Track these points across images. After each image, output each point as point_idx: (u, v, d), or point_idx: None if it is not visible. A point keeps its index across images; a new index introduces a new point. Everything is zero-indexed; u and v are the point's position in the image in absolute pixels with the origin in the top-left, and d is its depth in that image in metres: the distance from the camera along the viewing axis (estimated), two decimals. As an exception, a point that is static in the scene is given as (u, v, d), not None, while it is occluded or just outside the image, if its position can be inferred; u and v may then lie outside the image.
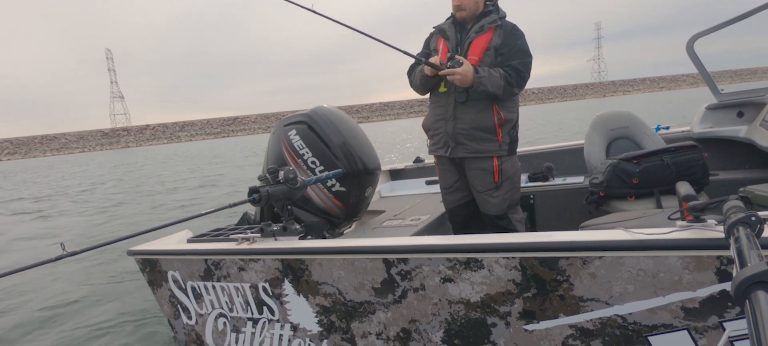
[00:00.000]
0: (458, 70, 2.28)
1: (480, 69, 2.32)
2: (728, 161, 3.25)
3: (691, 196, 1.57)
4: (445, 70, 2.33)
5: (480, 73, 2.30)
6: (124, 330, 3.53)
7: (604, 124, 3.24)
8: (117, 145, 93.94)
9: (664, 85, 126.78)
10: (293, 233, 2.27)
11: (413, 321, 1.96)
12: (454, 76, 2.30)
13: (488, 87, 2.32)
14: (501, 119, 2.44)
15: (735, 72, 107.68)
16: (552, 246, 1.61)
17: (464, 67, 2.29)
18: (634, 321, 1.58)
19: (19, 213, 11.26)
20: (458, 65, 2.29)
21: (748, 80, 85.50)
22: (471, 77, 2.30)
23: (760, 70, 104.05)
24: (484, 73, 2.31)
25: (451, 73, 2.31)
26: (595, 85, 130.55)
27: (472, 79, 2.30)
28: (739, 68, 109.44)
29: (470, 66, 2.30)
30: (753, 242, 0.90)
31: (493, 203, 2.54)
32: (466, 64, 2.30)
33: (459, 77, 2.29)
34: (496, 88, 2.33)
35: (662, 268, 1.48)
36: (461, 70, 2.28)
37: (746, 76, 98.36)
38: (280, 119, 2.99)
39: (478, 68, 2.33)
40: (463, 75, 2.29)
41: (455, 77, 2.30)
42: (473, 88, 2.34)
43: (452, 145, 2.54)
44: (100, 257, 5.55)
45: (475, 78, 2.30)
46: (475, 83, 2.31)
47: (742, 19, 2.93)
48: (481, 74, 2.30)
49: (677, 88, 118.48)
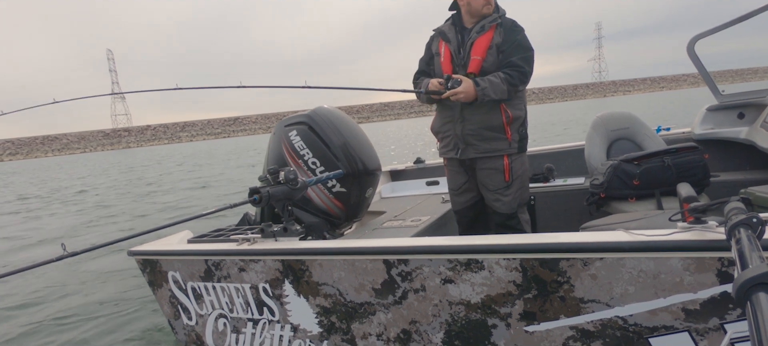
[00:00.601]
0: (459, 89, 2.34)
1: (481, 80, 2.35)
2: (729, 163, 3.24)
3: (692, 197, 1.57)
4: (448, 93, 2.38)
5: (481, 85, 2.34)
6: (124, 330, 3.53)
7: (605, 125, 3.23)
8: (118, 146, 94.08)
9: (664, 85, 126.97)
10: (294, 233, 2.27)
11: (414, 322, 1.96)
12: (457, 96, 2.35)
13: (492, 96, 2.36)
14: (509, 117, 2.45)
15: (736, 72, 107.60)
16: (553, 247, 1.61)
17: (464, 85, 2.34)
18: (634, 323, 1.58)
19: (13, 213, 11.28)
20: (458, 84, 2.35)
21: (749, 80, 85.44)
22: (473, 92, 2.34)
23: (761, 69, 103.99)
24: (485, 85, 2.34)
25: (453, 95, 2.36)
26: (595, 85, 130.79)
27: (474, 94, 2.34)
28: (740, 68, 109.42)
29: (470, 82, 2.35)
30: (754, 244, 0.90)
31: (505, 201, 2.54)
32: (466, 81, 2.35)
33: (462, 96, 2.35)
34: (500, 94, 2.37)
35: (663, 269, 1.47)
36: (462, 88, 2.34)
37: (747, 75, 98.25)
38: (280, 119, 3.00)
39: (479, 80, 2.36)
40: (466, 92, 2.34)
41: (459, 97, 2.36)
42: (478, 101, 2.37)
43: (462, 147, 2.56)
44: (100, 257, 5.55)
45: (477, 91, 2.34)
46: (479, 97, 2.35)
47: (743, 21, 2.93)
48: (482, 86, 2.34)
49: (678, 88, 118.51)
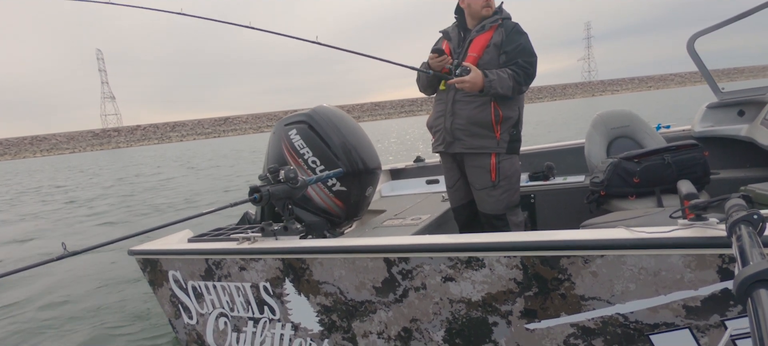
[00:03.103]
0: (467, 78, 2.29)
1: (489, 73, 2.32)
2: (729, 160, 3.24)
3: (692, 194, 1.57)
4: (454, 80, 2.35)
5: (489, 76, 2.31)
6: (124, 330, 3.53)
7: (605, 123, 3.23)
8: (107, 146, 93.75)
9: (652, 84, 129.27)
10: (294, 232, 2.27)
11: (414, 320, 1.96)
12: (463, 84, 2.31)
13: (498, 89, 2.32)
14: (499, 116, 2.44)
15: (739, 69, 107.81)
16: (553, 245, 1.61)
17: (472, 74, 2.29)
18: (635, 320, 1.58)
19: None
20: (466, 72, 2.30)
21: (748, 78, 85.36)
22: (481, 83, 2.31)
23: (756, 68, 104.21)
24: (493, 77, 2.31)
25: (460, 82, 2.32)
26: (584, 85, 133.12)
27: (482, 85, 2.31)
28: (741, 66, 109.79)
29: (479, 72, 2.31)
30: (755, 241, 0.90)
31: (490, 201, 2.54)
32: (475, 71, 2.30)
33: (468, 86, 2.31)
34: (506, 89, 2.34)
35: (664, 266, 1.47)
36: (470, 77, 2.29)
37: (748, 74, 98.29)
38: (272, 119, 3.00)
39: (488, 72, 2.33)
40: (473, 82, 2.30)
41: (465, 85, 2.32)
42: (483, 92, 2.34)
43: (449, 140, 2.56)
44: (100, 257, 5.55)
45: (485, 82, 2.31)
46: (485, 88, 2.32)
47: (743, 18, 2.92)
48: (490, 78, 2.31)
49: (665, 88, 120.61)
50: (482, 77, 2.30)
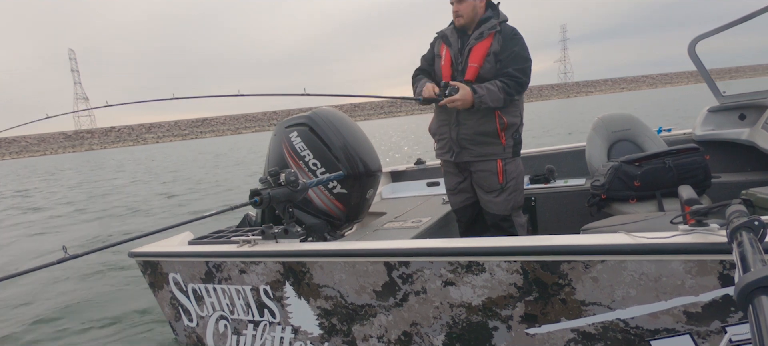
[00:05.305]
0: (457, 97, 2.37)
1: (478, 88, 2.38)
2: (730, 164, 3.24)
3: (693, 200, 1.56)
4: (445, 100, 2.41)
5: (479, 92, 2.37)
6: (125, 332, 3.53)
7: (606, 127, 3.23)
8: (80, 148, 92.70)
9: (625, 86, 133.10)
10: (294, 235, 2.27)
11: (414, 324, 1.96)
12: (454, 103, 2.39)
13: (489, 103, 2.39)
14: (503, 123, 2.49)
15: (737, 69, 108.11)
16: (554, 250, 1.60)
17: (462, 92, 2.37)
18: (636, 325, 1.57)
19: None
20: (455, 92, 2.38)
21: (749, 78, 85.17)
22: (470, 99, 2.37)
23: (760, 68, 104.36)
24: (483, 92, 2.37)
25: (451, 102, 2.39)
26: (560, 86, 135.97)
27: (472, 101, 2.38)
28: (740, 66, 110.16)
29: (468, 89, 2.38)
30: (756, 247, 0.90)
31: (498, 203, 2.59)
32: (463, 88, 2.38)
33: (459, 103, 2.39)
34: (496, 102, 2.40)
35: (665, 272, 1.47)
36: (460, 96, 2.37)
37: (748, 73, 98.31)
38: (250, 120, 3.01)
39: (476, 88, 2.38)
40: (463, 99, 2.37)
41: (456, 104, 2.39)
42: (474, 107, 2.40)
43: (457, 150, 2.60)
44: (101, 259, 5.55)
45: (474, 98, 2.37)
46: (475, 104, 2.38)
47: (745, 22, 2.92)
48: (480, 93, 2.37)
49: (637, 89, 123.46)
50: (471, 94, 2.37)
